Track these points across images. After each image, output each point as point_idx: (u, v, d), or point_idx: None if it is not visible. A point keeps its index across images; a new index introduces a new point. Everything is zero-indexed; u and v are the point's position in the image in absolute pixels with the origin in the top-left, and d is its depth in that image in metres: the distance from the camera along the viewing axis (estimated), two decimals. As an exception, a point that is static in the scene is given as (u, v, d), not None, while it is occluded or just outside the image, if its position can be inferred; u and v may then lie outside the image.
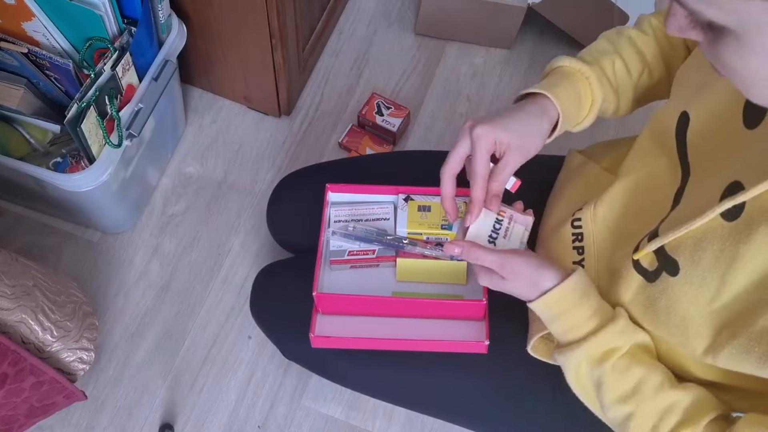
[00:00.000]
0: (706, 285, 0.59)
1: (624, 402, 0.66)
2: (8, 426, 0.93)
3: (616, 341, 0.67)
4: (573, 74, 0.76)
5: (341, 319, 0.87)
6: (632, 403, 0.66)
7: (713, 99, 0.64)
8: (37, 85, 1.12)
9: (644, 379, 0.66)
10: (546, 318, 0.70)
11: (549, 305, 0.68)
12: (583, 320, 0.67)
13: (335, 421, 1.23)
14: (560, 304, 0.68)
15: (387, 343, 0.85)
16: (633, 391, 0.66)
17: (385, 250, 0.88)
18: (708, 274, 0.58)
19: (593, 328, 0.67)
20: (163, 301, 1.31)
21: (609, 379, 0.67)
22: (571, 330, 0.68)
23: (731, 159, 0.60)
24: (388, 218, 0.90)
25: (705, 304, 0.59)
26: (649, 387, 0.66)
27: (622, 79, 0.79)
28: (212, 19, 1.22)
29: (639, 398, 0.66)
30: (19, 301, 0.90)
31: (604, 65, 0.78)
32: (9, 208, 1.37)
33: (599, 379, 0.68)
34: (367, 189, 0.91)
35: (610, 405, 0.67)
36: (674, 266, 0.62)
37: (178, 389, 1.24)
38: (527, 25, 1.53)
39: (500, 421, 0.87)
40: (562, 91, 0.74)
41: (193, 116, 1.47)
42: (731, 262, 0.57)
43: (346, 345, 0.85)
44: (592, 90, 0.77)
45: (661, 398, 0.65)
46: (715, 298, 0.58)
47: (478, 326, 0.86)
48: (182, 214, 1.38)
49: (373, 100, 1.44)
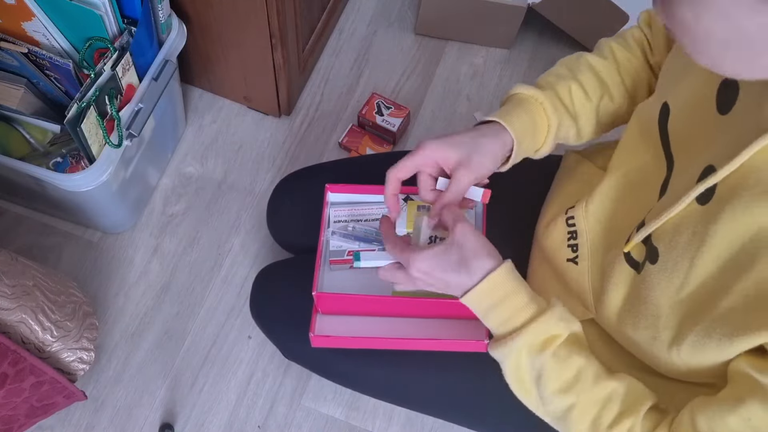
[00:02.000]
0: (677, 271, 0.59)
1: (565, 392, 0.66)
2: (8, 426, 0.93)
3: (556, 328, 0.66)
4: (527, 101, 0.77)
5: (341, 319, 0.87)
6: (573, 393, 0.66)
7: (689, 87, 0.64)
8: (37, 85, 1.12)
9: (584, 368, 0.66)
10: (483, 310, 0.68)
11: (487, 292, 0.67)
12: (521, 307, 0.67)
13: (335, 421, 1.23)
14: (498, 292, 0.66)
15: (387, 342, 0.85)
16: (574, 380, 0.66)
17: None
18: (680, 258, 0.59)
19: (532, 314, 0.66)
20: (163, 301, 1.31)
21: (549, 368, 0.66)
22: (510, 319, 0.67)
23: (708, 145, 0.60)
24: None
25: (674, 292, 0.60)
26: (589, 376, 0.66)
27: (581, 103, 0.79)
28: (212, 19, 1.22)
29: (579, 388, 0.65)
30: (19, 301, 0.90)
31: (559, 90, 0.78)
32: (9, 208, 1.37)
33: (540, 369, 0.67)
34: (367, 189, 0.91)
35: (551, 396, 0.67)
36: (655, 254, 0.62)
37: (178, 389, 1.24)
38: (527, 25, 1.53)
39: (500, 420, 0.88)
40: (515, 118, 0.74)
41: (193, 116, 1.47)
42: (700, 245, 0.57)
43: (345, 344, 0.85)
44: (547, 116, 0.77)
45: (600, 388, 0.65)
46: (683, 285, 0.59)
47: (478, 325, 0.86)
48: (182, 214, 1.38)
49: (373, 100, 1.44)
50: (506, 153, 0.75)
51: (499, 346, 0.69)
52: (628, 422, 0.64)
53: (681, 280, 0.59)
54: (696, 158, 0.61)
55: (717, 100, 0.60)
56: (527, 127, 0.75)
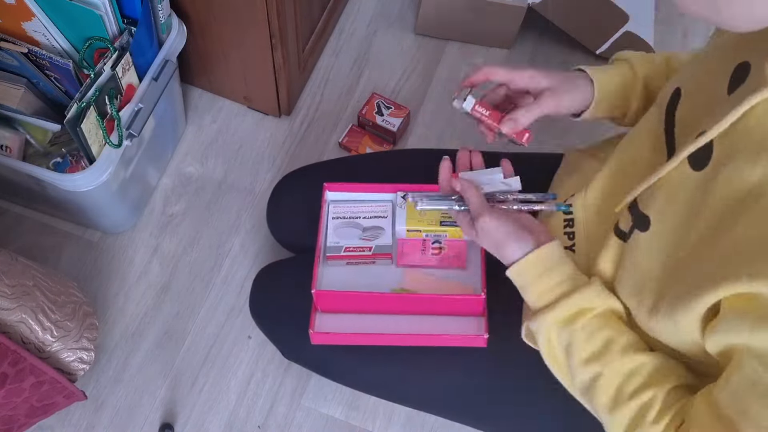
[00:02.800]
0: (674, 236, 0.60)
1: (591, 363, 0.67)
2: (8, 426, 0.93)
3: (590, 302, 0.67)
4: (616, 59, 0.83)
5: (340, 316, 0.87)
6: (599, 363, 0.66)
7: (704, 70, 0.65)
8: (37, 85, 1.12)
9: (612, 340, 0.66)
10: (520, 285, 0.72)
11: (518, 274, 0.71)
12: (555, 284, 0.69)
13: (335, 421, 1.23)
14: (530, 272, 0.70)
15: (386, 338, 0.85)
16: (600, 351, 0.66)
17: (382, 247, 0.88)
18: (678, 225, 0.59)
19: (567, 290, 0.68)
20: (163, 301, 1.31)
21: (578, 339, 0.67)
22: (544, 294, 0.69)
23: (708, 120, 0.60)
24: (386, 216, 0.91)
25: (668, 256, 0.60)
26: (617, 348, 0.66)
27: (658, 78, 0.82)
28: (212, 19, 1.22)
29: (607, 359, 0.66)
30: (19, 301, 0.90)
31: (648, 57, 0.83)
32: (9, 208, 1.37)
33: (568, 341, 0.68)
34: (365, 188, 0.92)
35: (578, 367, 0.68)
36: (645, 222, 0.63)
37: (178, 389, 1.24)
38: (527, 25, 1.53)
39: (500, 417, 0.88)
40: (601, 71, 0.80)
41: (193, 116, 1.47)
42: (699, 210, 0.57)
43: (345, 341, 0.85)
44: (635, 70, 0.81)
45: (627, 359, 0.65)
46: (676, 250, 0.59)
47: (477, 321, 0.86)
48: (182, 214, 1.38)
49: (373, 100, 1.44)
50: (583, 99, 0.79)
51: (534, 320, 0.71)
52: (650, 392, 0.63)
53: (675, 245, 0.59)
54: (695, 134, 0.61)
55: (730, 82, 0.60)
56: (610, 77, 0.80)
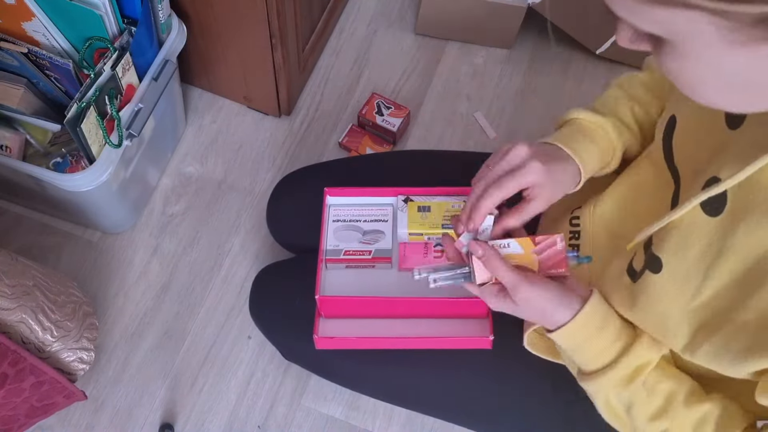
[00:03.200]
0: (689, 281, 0.59)
1: (658, 419, 0.65)
2: (8, 426, 0.93)
3: (647, 356, 0.66)
4: (590, 129, 0.75)
5: (344, 320, 0.87)
6: (666, 419, 0.65)
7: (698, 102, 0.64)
8: (37, 85, 1.12)
9: (673, 392, 0.65)
10: (567, 348, 0.69)
11: (568, 338, 0.67)
12: (608, 344, 0.66)
13: (335, 421, 1.23)
14: (581, 333, 0.66)
15: (391, 342, 0.85)
16: (665, 406, 0.65)
17: (381, 251, 0.88)
18: (693, 269, 0.59)
19: (621, 349, 0.66)
20: (163, 301, 1.31)
21: (640, 397, 0.66)
22: (599, 356, 0.67)
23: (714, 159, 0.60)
24: (387, 220, 0.90)
25: (686, 301, 0.60)
26: (680, 399, 0.65)
27: (643, 121, 0.78)
28: (212, 19, 1.22)
29: (672, 414, 0.65)
30: (19, 301, 0.89)
31: (620, 113, 0.77)
32: (9, 208, 1.36)
33: (629, 400, 0.67)
34: (366, 192, 0.91)
35: (644, 424, 0.67)
36: (658, 264, 0.62)
37: (178, 389, 1.24)
38: (527, 25, 1.53)
39: (500, 420, 0.87)
40: (582, 149, 0.73)
41: (193, 116, 1.47)
42: (716, 257, 0.57)
43: (350, 345, 0.85)
44: (612, 141, 0.76)
45: (693, 411, 0.64)
46: (696, 295, 0.59)
47: (482, 323, 0.86)
48: (182, 214, 1.38)
49: (373, 100, 1.44)
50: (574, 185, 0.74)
51: (588, 381, 0.68)
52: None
53: (693, 291, 0.59)
54: (702, 171, 0.61)
55: (726, 114, 0.60)
56: (594, 156, 0.74)
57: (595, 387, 0.68)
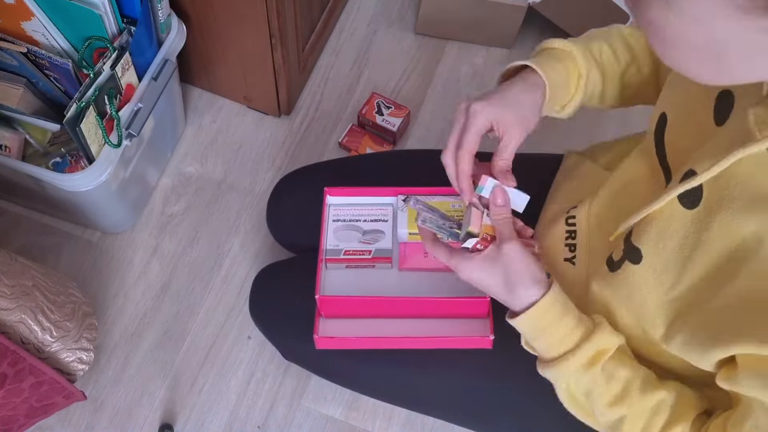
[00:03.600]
0: (667, 272, 0.60)
1: (616, 405, 0.67)
2: (8, 426, 0.93)
3: (607, 342, 0.67)
4: (559, 52, 0.76)
5: (344, 320, 0.87)
6: (623, 405, 0.66)
7: (687, 97, 0.64)
8: (36, 85, 1.12)
9: (631, 380, 0.66)
10: (531, 335, 0.69)
11: (534, 320, 0.67)
12: (569, 330, 0.67)
13: (335, 422, 1.23)
14: (545, 318, 0.67)
15: (391, 342, 0.84)
16: (623, 393, 0.66)
17: (381, 251, 0.88)
18: (671, 261, 0.60)
19: (585, 332, 0.67)
20: (162, 301, 1.31)
21: (599, 383, 0.67)
22: (560, 343, 0.67)
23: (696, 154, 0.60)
24: (387, 220, 0.90)
25: (663, 292, 0.60)
26: (636, 388, 0.66)
27: (609, 63, 0.78)
28: (212, 19, 1.22)
29: (629, 401, 0.66)
30: (19, 301, 0.89)
31: (590, 46, 0.78)
32: (9, 208, 1.36)
33: (588, 386, 0.67)
34: (366, 191, 0.91)
35: (603, 410, 0.68)
36: (637, 255, 0.63)
37: (178, 389, 1.24)
38: (527, 25, 1.53)
39: (500, 420, 0.87)
40: (547, 64, 0.74)
41: (192, 116, 1.47)
42: (693, 249, 0.58)
43: (350, 345, 0.85)
44: (578, 65, 0.76)
45: (648, 398, 0.65)
46: (674, 286, 0.60)
47: (482, 323, 0.85)
48: (182, 214, 1.38)
49: (373, 100, 1.44)
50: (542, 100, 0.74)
51: (548, 368, 0.69)
52: (677, 429, 0.64)
53: (672, 282, 0.60)
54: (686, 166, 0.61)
55: (714, 111, 0.60)
56: (559, 75, 0.74)
57: (555, 374, 0.68)
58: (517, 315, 0.68)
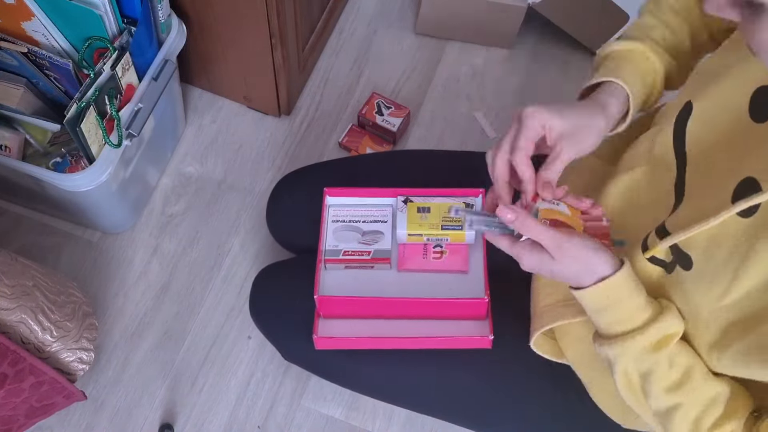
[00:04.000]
0: (717, 280, 0.59)
1: (673, 391, 0.64)
2: (8, 426, 0.93)
3: (676, 326, 0.64)
4: (628, 54, 0.73)
5: (343, 320, 0.87)
6: (681, 393, 0.64)
7: (719, 90, 0.63)
8: (36, 85, 1.12)
9: (692, 367, 0.64)
10: (598, 307, 0.65)
11: (606, 293, 0.64)
12: (640, 308, 0.64)
13: (335, 422, 1.23)
14: (618, 292, 0.64)
15: (391, 342, 0.85)
16: (682, 380, 0.64)
17: (380, 252, 0.88)
18: (721, 269, 0.58)
19: (652, 314, 0.64)
20: (162, 301, 1.31)
21: (661, 368, 0.64)
22: (629, 319, 0.64)
23: (737, 152, 0.59)
24: (387, 221, 0.90)
25: (715, 299, 0.59)
26: (698, 376, 0.64)
27: (675, 47, 0.76)
28: (212, 19, 1.22)
29: (688, 387, 0.64)
30: (19, 301, 0.89)
31: (654, 38, 0.74)
32: (9, 208, 1.36)
33: (649, 368, 0.65)
34: (365, 192, 0.91)
35: (658, 393, 0.65)
36: (688, 261, 0.61)
37: (178, 389, 1.24)
38: (527, 25, 1.53)
39: (500, 420, 0.87)
40: (625, 73, 0.70)
41: (192, 116, 1.47)
42: (745, 258, 0.56)
43: (349, 345, 0.85)
44: (651, 62, 0.73)
45: (707, 388, 0.63)
46: (725, 294, 0.58)
47: (481, 323, 0.85)
48: (182, 214, 1.38)
49: (373, 100, 1.44)
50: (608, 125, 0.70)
51: (611, 345, 0.66)
52: (729, 426, 0.62)
53: (723, 290, 0.58)
54: (721, 164, 0.60)
55: (750, 107, 0.59)
56: (635, 76, 0.71)
57: (618, 351, 0.65)
58: (585, 287, 0.64)
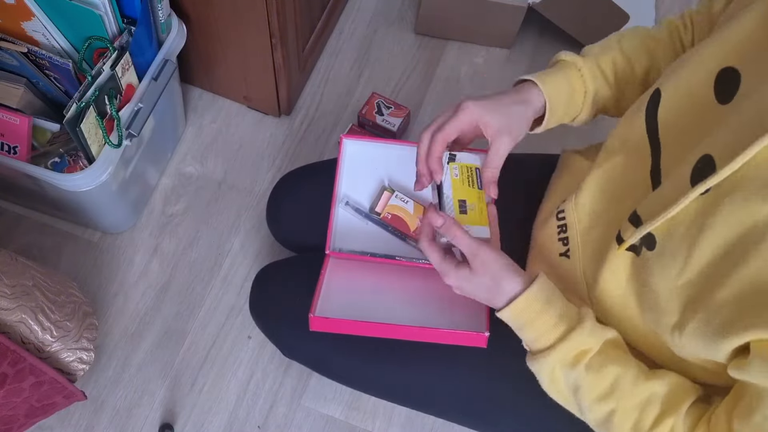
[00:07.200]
0: (675, 258, 0.60)
1: (604, 400, 0.67)
2: (8, 426, 0.93)
3: (586, 343, 0.67)
4: (567, 66, 0.78)
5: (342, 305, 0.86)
6: (612, 400, 0.66)
7: (685, 75, 0.65)
8: (36, 85, 1.12)
9: (620, 375, 0.67)
10: (515, 326, 0.71)
11: (516, 313, 0.69)
12: (549, 327, 0.68)
13: (335, 421, 1.23)
14: (527, 313, 0.68)
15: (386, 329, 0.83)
16: (611, 388, 0.66)
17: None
18: (678, 247, 0.60)
19: (561, 333, 0.68)
20: (163, 301, 1.31)
21: (585, 381, 0.67)
22: (540, 338, 0.69)
23: (703, 133, 0.60)
24: None
25: (673, 278, 0.60)
26: (626, 382, 0.66)
27: (624, 74, 0.79)
28: (212, 19, 1.22)
29: (618, 395, 0.66)
30: (19, 301, 0.89)
31: (600, 60, 0.79)
32: (9, 208, 1.36)
33: (575, 383, 0.68)
34: (384, 141, 0.92)
35: (590, 405, 0.68)
36: (652, 241, 0.63)
37: (178, 389, 1.24)
38: (527, 25, 1.53)
39: (500, 419, 0.88)
40: (551, 80, 0.76)
41: (193, 116, 1.47)
42: (698, 234, 0.58)
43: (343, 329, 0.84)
44: (585, 82, 0.78)
45: (638, 391, 0.66)
46: (681, 272, 0.59)
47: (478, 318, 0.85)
48: (182, 214, 1.38)
49: (373, 100, 1.44)
50: (534, 114, 0.76)
51: (533, 361, 0.70)
52: (669, 421, 0.64)
53: (679, 268, 0.60)
54: (690, 146, 0.61)
55: (715, 89, 0.60)
56: (562, 90, 0.76)
57: (537, 367, 0.70)
58: (499, 309, 0.70)
